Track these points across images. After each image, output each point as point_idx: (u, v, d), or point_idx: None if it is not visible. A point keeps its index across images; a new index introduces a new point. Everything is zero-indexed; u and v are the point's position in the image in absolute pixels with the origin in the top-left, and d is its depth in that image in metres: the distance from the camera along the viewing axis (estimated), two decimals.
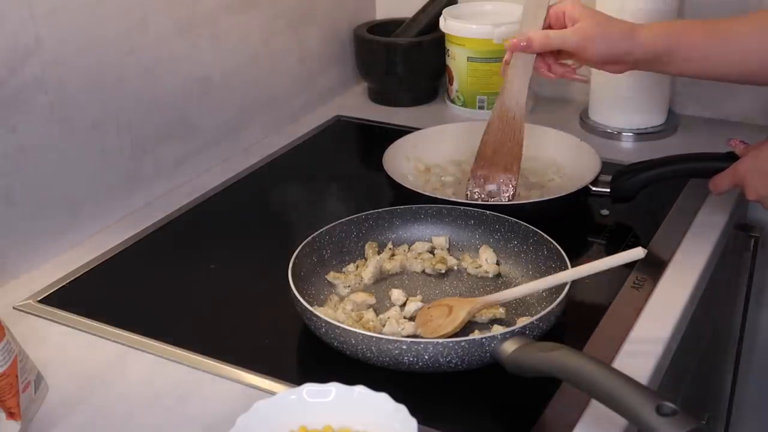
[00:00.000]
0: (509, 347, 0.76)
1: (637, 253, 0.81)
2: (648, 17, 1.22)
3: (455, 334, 0.83)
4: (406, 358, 0.76)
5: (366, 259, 0.97)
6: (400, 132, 1.31)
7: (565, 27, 1.00)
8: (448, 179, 1.19)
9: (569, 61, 1.04)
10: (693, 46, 0.96)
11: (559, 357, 0.72)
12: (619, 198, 1.08)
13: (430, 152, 1.23)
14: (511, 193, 1.07)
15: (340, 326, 0.79)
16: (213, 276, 1.00)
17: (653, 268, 0.97)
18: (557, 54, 1.03)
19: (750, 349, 1.45)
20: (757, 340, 1.45)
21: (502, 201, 1.07)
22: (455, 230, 1.00)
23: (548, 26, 1.02)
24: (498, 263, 0.97)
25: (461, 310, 0.84)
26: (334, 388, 0.70)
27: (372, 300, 0.91)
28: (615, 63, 0.99)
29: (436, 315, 0.85)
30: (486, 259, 0.97)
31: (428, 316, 0.86)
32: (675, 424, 0.62)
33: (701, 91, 1.38)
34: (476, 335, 0.78)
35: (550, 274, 0.90)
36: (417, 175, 1.19)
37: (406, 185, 1.09)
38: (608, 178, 1.08)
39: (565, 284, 0.84)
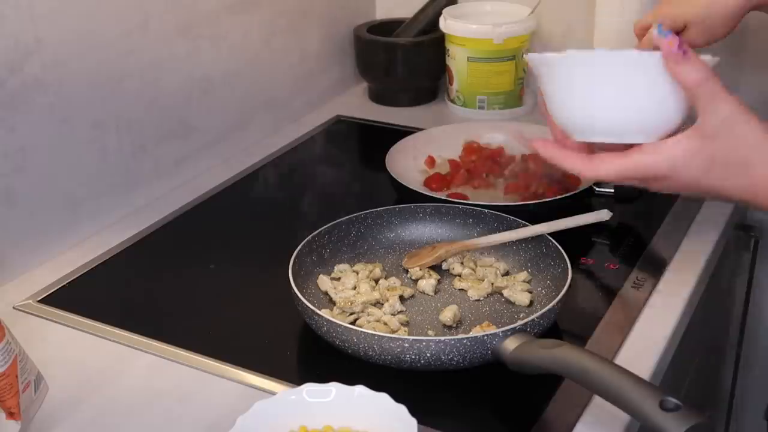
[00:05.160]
0: (511, 344, 0.76)
1: (603, 215, 0.97)
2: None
3: (453, 330, 0.83)
4: (407, 356, 0.76)
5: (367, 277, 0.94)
6: (400, 132, 1.31)
7: None
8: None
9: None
10: None
11: (561, 353, 0.72)
12: (624, 198, 1.08)
13: (433, 152, 1.23)
14: None
15: (342, 325, 0.79)
16: (213, 276, 1.00)
17: (653, 268, 0.97)
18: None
19: (750, 349, 1.44)
20: (757, 340, 1.44)
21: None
22: (455, 229, 1.00)
23: None
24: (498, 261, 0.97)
25: (441, 248, 0.96)
26: (334, 388, 0.70)
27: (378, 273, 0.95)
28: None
29: (423, 254, 0.97)
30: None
31: (416, 254, 0.97)
32: (679, 419, 0.62)
33: None
34: (478, 332, 0.78)
35: (549, 272, 0.91)
36: (420, 175, 1.19)
37: (408, 185, 1.09)
38: None
39: (565, 282, 0.84)
